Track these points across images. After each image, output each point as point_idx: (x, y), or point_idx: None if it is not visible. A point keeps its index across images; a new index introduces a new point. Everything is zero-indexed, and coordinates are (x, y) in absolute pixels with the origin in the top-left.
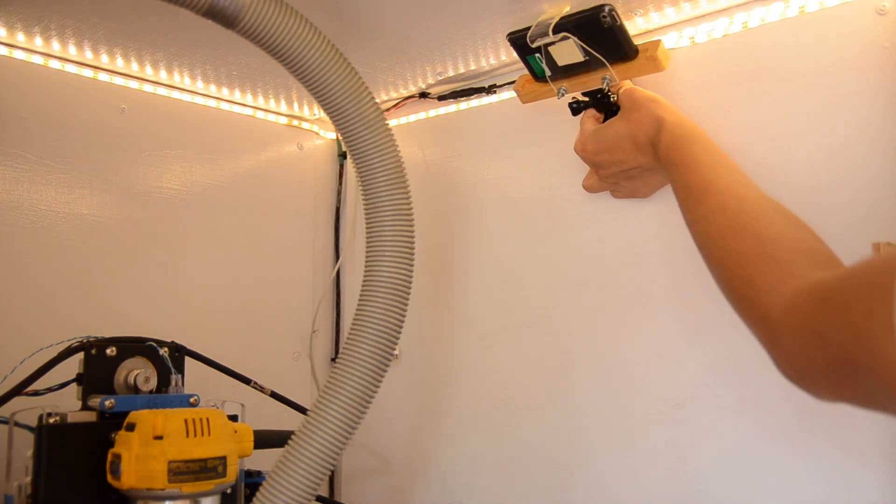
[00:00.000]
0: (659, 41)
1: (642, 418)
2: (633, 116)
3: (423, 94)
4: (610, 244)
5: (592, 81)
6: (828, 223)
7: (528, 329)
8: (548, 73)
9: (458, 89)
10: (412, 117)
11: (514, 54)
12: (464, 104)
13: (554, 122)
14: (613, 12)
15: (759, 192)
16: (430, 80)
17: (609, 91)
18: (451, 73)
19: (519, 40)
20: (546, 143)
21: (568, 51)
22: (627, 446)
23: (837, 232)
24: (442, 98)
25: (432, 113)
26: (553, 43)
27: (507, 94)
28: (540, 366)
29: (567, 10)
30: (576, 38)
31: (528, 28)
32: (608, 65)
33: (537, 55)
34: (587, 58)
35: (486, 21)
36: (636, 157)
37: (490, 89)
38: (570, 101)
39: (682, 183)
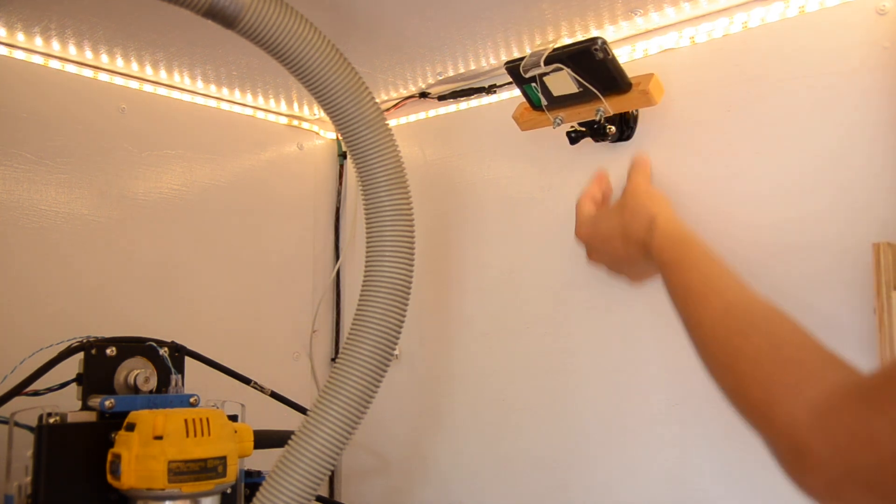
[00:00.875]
0: (652, 75)
1: (641, 418)
2: (628, 209)
3: (423, 94)
4: None
5: (587, 112)
6: (828, 223)
7: (528, 329)
8: (544, 102)
9: (458, 89)
10: (412, 117)
11: (515, 55)
12: (464, 104)
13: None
14: (605, 45)
15: (763, 297)
16: (430, 80)
17: (604, 122)
18: (451, 73)
19: (514, 70)
20: (546, 143)
21: (562, 82)
22: (627, 446)
23: (838, 232)
24: (442, 98)
25: (432, 113)
26: (547, 73)
27: (507, 94)
28: (540, 366)
29: (560, 41)
30: (569, 70)
31: (523, 58)
32: (601, 97)
33: (533, 84)
34: (581, 89)
35: (486, 21)
36: (626, 249)
37: (490, 89)
38: (569, 129)
39: (680, 283)
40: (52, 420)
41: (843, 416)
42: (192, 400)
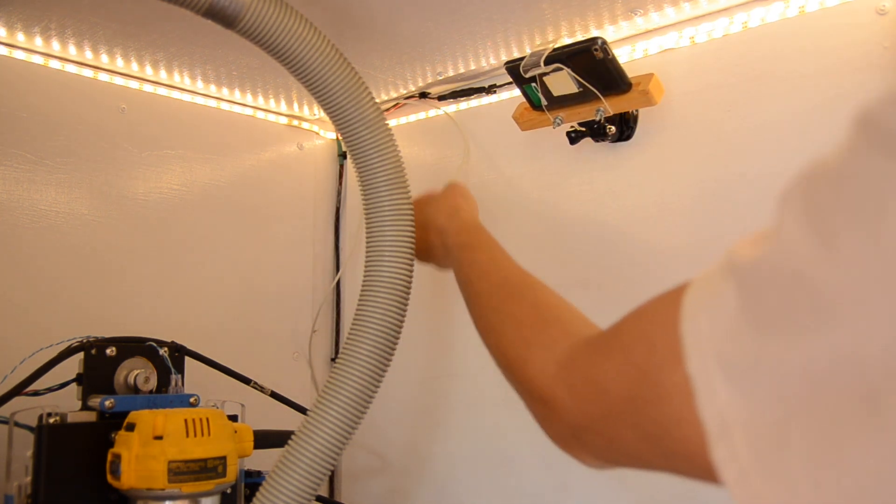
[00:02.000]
0: (652, 75)
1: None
2: (438, 202)
3: (423, 94)
4: (610, 244)
5: (587, 112)
6: None
7: None
8: (544, 102)
9: (458, 89)
10: (412, 117)
11: (515, 55)
12: (464, 104)
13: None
14: (605, 45)
15: (532, 276)
16: (430, 80)
17: (604, 122)
18: (451, 73)
19: (514, 70)
20: (546, 143)
21: (562, 82)
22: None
23: None
24: (442, 98)
25: (432, 113)
26: (547, 73)
27: (507, 94)
28: None
29: (560, 41)
30: (569, 70)
31: (523, 58)
32: (601, 97)
33: (533, 84)
34: (581, 89)
35: (486, 21)
36: (428, 237)
37: (490, 89)
38: (569, 129)
39: (468, 261)
40: (52, 420)
41: (580, 365)
42: (192, 400)
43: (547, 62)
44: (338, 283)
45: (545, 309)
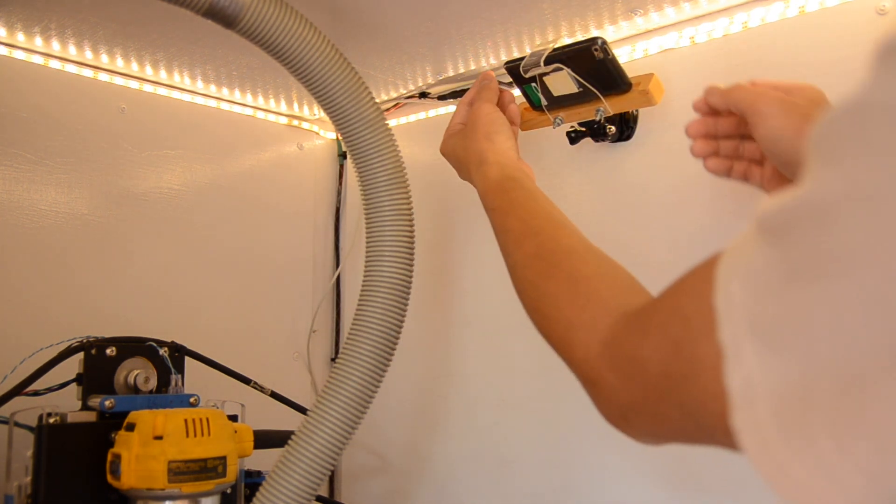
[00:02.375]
0: (652, 75)
1: None
2: (466, 145)
3: (423, 94)
4: (610, 244)
5: (587, 113)
6: None
7: (528, 329)
8: (544, 102)
9: (458, 89)
10: (412, 117)
11: (515, 55)
12: None
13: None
14: (605, 46)
15: (576, 236)
16: (430, 80)
17: (604, 122)
18: (451, 73)
19: (514, 70)
20: (545, 142)
21: (562, 82)
22: (627, 446)
23: None
24: (442, 98)
25: (432, 113)
26: (547, 73)
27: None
28: (539, 366)
29: (560, 41)
30: (569, 70)
31: (523, 58)
32: (601, 97)
33: (533, 84)
34: (581, 89)
35: (486, 21)
36: (468, 177)
37: None
38: (569, 129)
39: (502, 228)
40: (52, 420)
41: (622, 343)
42: (192, 400)
43: (547, 62)
44: (338, 284)
45: (583, 283)
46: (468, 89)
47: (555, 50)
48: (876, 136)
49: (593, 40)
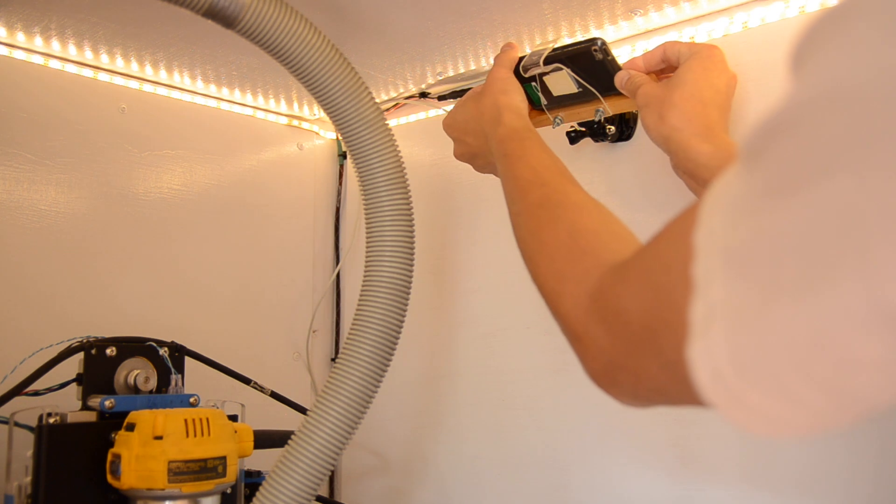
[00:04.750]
0: (651, 75)
1: (642, 418)
2: (482, 100)
3: (423, 94)
4: None
5: (586, 113)
6: None
7: (528, 329)
8: (544, 102)
9: (458, 89)
10: (412, 117)
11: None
12: None
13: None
14: (605, 46)
15: (584, 192)
16: (430, 80)
17: (604, 123)
18: (451, 73)
19: (514, 69)
20: (545, 142)
21: (562, 82)
22: (627, 446)
23: None
24: (442, 98)
25: (432, 113)
26: (546, 73)
27: None
28: (540, 366)
29: (560, 41)
30: (568, 70)
31: (523, 58)
32: (601, 97)
33: (533, 84)
34: (580, 89)
35: (486, 21)
36: (477, 140)
37: None
38: (569, 129)
39: (511, 174)
40: (52, 420)
41: (607, 294)
42: (192, 400)
43: (546, 62)
44: (337, 283)
45: (581, 236)
46: (468, 89)
47: (554, 50)
48: (846, 38)
49: (592, 41)
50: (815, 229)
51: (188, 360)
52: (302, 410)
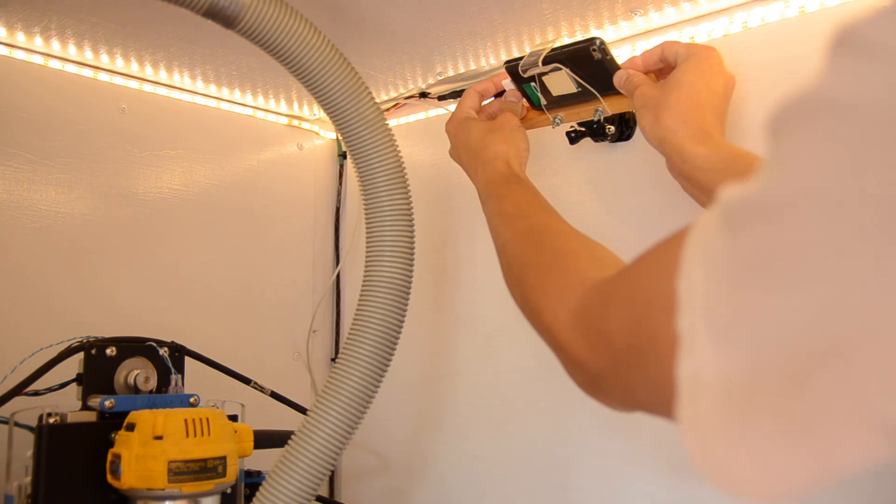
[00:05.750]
0: (651, 74)
1: (642, 418)
2: (493, 136)
3: (423, 94)
4: (610, 243)
5: (586, 113)
6: None
7: (528, 329)
8: (543, 102)
9: (458, 89)
10: (412, 117)
11: (515, 55)
12: None
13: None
14: (604, 46)
15: (565, 223)
16: (430, 80)
17: (603, 122)
18: (451, 73)
19: (513, 69)
20: (545, 142)
21: (561, 81)
22: (628, 446)
23: None
24: (442, 98)
25: (432, 113)
26: (545, 73)
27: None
28: (540, 365)
29: (559, 41)
30: (567, 70)
31: (522, 58)
32: (600, 97)
33: (532, 84)
34: (580, 89)
35: (486, 21)
36: (469, 163)
37: None
38: (568, 129)
39: (497, 211)
40: (52, 420)
41: (589, 313)
42: (192, 400)
43: (545, 62)
44: (337, 283)
45: (565, 256)
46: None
47: (553, 50)
48: (826, 137)
49: (591, 40)
50: (797, 330)
51: (188, 360)
52: (302, 410)
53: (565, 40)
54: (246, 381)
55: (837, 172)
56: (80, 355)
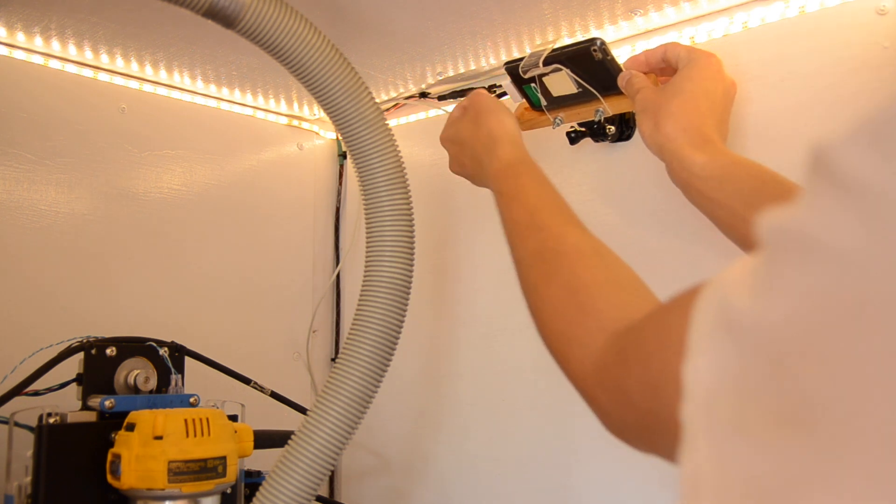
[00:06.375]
0: (651, 75)
1: None
2: (477, 120)
3: (423, 94)
4: (610, 244)
5: (586, 113)
6: None
7: (528, 329)
8: (543, 102)
9: (458, 89)
10: (412, 117)
11: (515, 55)
12: None
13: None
14: (604, 46)
15: (581, 233)
16: (430, 80)
17: (604, 123)
18: (451, 73)
19: (513, 70)
20: (545, 143)
21: (562, 82)
22: (627, 446)
23: None
24: (442, 98)
25: (432, 113)
26: (546, 74)
27: (507, 95)
28: (540, 365)
29: (559, 41)
30: (568, 71)
31: (523, 59)
32: (601, 98)
33: (532, 85)
34: (580, 89)
35: (486, 21)
36: (473, 163)
37: (490, 89)
38: (569, 130)
39: (509, 217)
40: (52, 420)
41: (610, 370)
42: (192, 400)
43: (546, 63)
44: (337, 283)
45: (581, 292)
46: (469, 89)
47: (554, 50)
48: (812, 277)
49: (592, 41)
50: (785, 461)
51: (188, 360)
52: (302, 410)
53: (565, 41)
54: (246, 381)
55: (829, 320)
56: (80, 355)
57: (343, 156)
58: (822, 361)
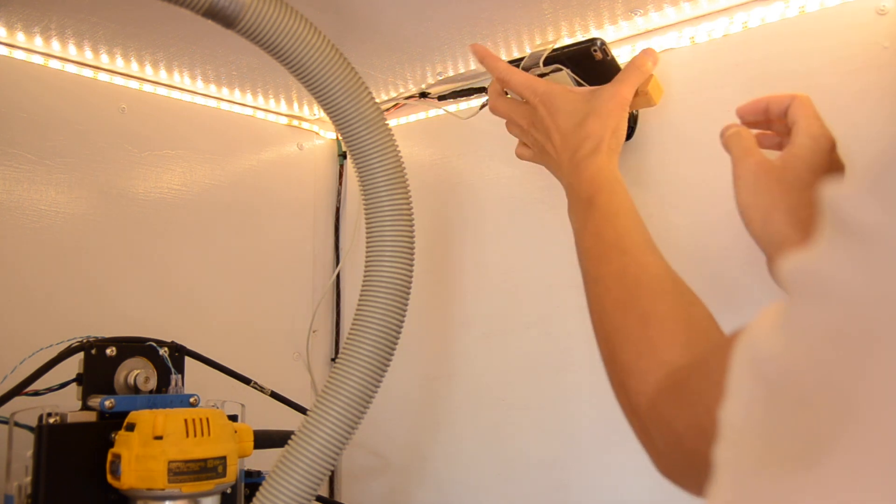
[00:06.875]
0: (651, 76)
1: None
2: (596, 116)
3: (423, 94)
4: None
5: None
6: None
7: (528, 329)
8: None
9: (458, 89)
10: (412, 117)
11: (515, 55)
12: (464, 104)
13: None
14: (604, 46)
15: (662, 261)
16: (430, 80)
17: None
18: (451, 73)
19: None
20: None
21: (562, 82)
22: (627, 446)
23: None
24: (442, 98)
25: (432, 113)
26: (546, 74)
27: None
28: (539, 366)
29: (560, 41)
30: (568, 71)
31: (523, 59)
32: None
33: None
34: None
35: (486, 21)
36: (535, 147)
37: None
38: None
39: (594, 230)
40: (52, 420)
41: (661, 409)
42: (192, 400)
43: (546, 63)
44: (337, 283)
45: (654, 326)
46: (469, 89)
47: (554, 51)
48: (827, 325)
49: (592, 41)
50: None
51: (188, 360)
52: (302, 410)
53: (566, 41)
54: (246, 381)
55: (843, 356)
56: (80, 355)
57: (343, 156)
58: (838, 397)
